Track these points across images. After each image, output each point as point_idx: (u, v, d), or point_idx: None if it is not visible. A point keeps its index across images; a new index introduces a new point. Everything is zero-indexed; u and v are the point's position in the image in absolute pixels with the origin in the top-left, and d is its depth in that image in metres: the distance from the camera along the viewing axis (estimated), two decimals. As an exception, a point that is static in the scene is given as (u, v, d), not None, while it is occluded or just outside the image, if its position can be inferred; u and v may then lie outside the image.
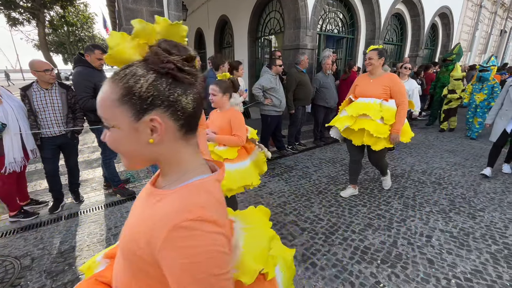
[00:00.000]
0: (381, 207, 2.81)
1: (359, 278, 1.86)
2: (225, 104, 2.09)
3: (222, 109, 2.11)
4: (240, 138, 2.03)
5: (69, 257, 2.10)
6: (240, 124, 2.05)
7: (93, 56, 2.70)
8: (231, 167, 1.98)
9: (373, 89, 2.61)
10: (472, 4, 11.49)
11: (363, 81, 2.73)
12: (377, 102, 2.55)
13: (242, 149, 2.12)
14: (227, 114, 2.07)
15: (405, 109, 2.53)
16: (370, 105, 2.56)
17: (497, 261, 2.01)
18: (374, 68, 2.61)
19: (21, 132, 2.42)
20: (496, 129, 3.41)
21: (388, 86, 2.54)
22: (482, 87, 5.08)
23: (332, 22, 7.38)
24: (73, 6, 20.62)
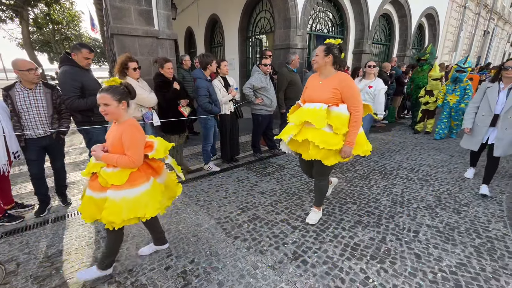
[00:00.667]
0: (370, 204, 2.86)
1: (349, 274, 1.89)
2: (122, 115, 1.71)
3: (119, 121, 1.73)
4: (130, 159, 1.64)
5: (57, 261, 2.06)
6: (133, 141, 1.67)
7: (80, 55, 2.64)
8: (116, 196, 1.62)
9: (320, 92, 2.16)
10: (456, 5, 11.82)
11: (312, 83, 2.30)
12: (323, 108, 2.08)
13: (141, 171, 1.74)
14: (121, 128, 1.69)
15: (358, 116, 2.10)
16: (314, 112, 2.10)
17: (480, 254, 2.09)
18: (320, 67, 2.18)
19: (5, 134, 2.34)
20: (474, 137, 3.07)
21: (338, 89, 2.09)
22: (455, 88, 5.01)
23: (322, 22, 7.45)
24: (59, 4, 20.05)
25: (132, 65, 2.97)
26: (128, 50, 3.89)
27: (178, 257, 2.07)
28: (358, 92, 2.14)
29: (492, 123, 2.89)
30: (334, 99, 2.12)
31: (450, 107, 5.14)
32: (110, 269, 1.88)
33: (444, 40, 11.97)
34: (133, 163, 1.66)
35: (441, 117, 5.41)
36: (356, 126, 2.11)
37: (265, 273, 1.90)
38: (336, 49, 2.13)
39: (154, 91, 3.22)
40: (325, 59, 2.12)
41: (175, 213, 2.71)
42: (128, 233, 2.39)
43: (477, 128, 3.04)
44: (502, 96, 2.82)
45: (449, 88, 5.09)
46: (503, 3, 17.37)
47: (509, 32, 21.12)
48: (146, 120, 3.12)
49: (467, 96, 4.89)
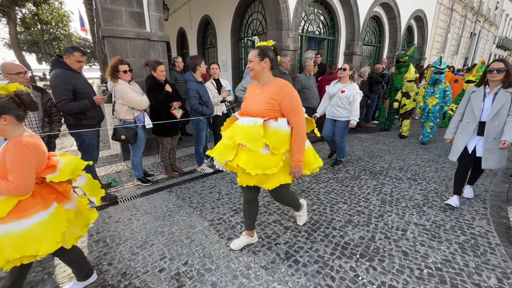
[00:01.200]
0: (360, 204, 2.93)
1: (339, 272, 1.94)
2: (7, 132, 1.40)
3: (8, 137, 1.42)
4: (12, 185, 1.33)
5: (49, 266, 2.05)
6: (17, 162, 1.35)
7: (72, 58, 2.63)
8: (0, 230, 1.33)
9: (256, 103, 1.79)
10: (444, 8, 12.11)
11: (250, 92, 1.93)
12: (258, 124, 1.69)
13: (38, 197, 1.44)
14: (5, 147, 1.39)
15: (301, 132, 1.76)
16: (248, 130, 1.71)
17: (464, 250, 2.17)
18: (257, 74, 1.82)
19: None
20: (456, 146, 2.74)
21: (276, 99, 1.73)
22: (434, 90, 4.86)
23: (313, 23, 7.54)
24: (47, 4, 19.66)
25: (123, 67, 2.97)
26: (120, 52, 3.87)
27: (171, 259, 2.09)
28: (299, 103, 1.78)
29: (480, 132, 2.59)
30: (271, 111, 1.74)
31: (429, 110, 5.04)
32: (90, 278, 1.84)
33: (432, 41, 12.25)
34: (17, 190, 1.35)
35: (422, 121, 5.36)
36: (300, 143, 1.77)
37: (258, 273, 1.94)
38: (271, 51, 1.82)
39: (146, 94, 3.22)
40: (262, 64, 1.78)
41: (168, 216, 2.72)
42: (121, 236, 2.40)
43: (460, 137, 2.71)
44: (488, 101, 2.50)
45: (428, 90, 4.97)
46: (489, 5, 17.88)
47: (494, 34, 21.74)
48: (138, 122, 3.12)
49: (448, 99, 4.79)
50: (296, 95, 1.78)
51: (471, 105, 2.62)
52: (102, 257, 2.14)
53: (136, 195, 3.19)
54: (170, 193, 3.24)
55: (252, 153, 1.72)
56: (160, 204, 2.96)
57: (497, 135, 2.47)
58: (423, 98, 5.10)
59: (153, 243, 2.29)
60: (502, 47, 25.65)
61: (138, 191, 3.28)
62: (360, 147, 5.11)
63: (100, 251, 2.21)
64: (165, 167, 3.69)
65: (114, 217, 2.72)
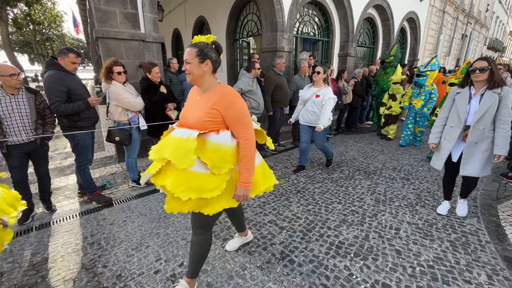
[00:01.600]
0: (355, 204, 2.97)
1: (333, 271, 1.97)
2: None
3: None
4: (251, 141, 1.31)
5: (42, 269, 2.03)
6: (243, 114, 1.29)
7: (66, 60, 2.61)
8: None
9: (195, 112, 1.47)
10: (436, 10, 12.31)
11: (190, 97, 1.61)
12: (192, 137, 1.36)
13: None
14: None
15: (249, 148, 1.45)
16: (178, 144, 1.37)
17: (456, 248, 2.22)
18: (195, 79, 1.47)
19: (-15, 140, 2.29)
20: (439, 153, 2.53)
21: (217, 108, 1.41)
22: (420, 92, 4.73)
23: (308, 25, 7.60)
24: (40, 4, 19.41)
25: (118, 69, 2.96)
26: (114, 53, 3.85)
27: (167, 261, 2.09)
28: (246, 113, 1.47)
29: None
30: (212, 123, 1.42)
31: (415, 112, 4.88)
32: None
33: (425, 43, 12.43)
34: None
35: (406, 122, 5.11)
36: (249, 161, 1.46)
37: (253, 273, 1.95)
38: (212, 50, 1.47)
39: (141, 95, 3.21)
40: (202, 68, 1.43)
41: (164, 217, 2.72)
42: (116, 238, 2.39)
43: (444, 143, 2.49)
44: (474, 103, 2.31)
45: (414, 91, 4.84)
46: (479, 8, 18.22)
47: (485, 36, 22.15)
48: (132, 124, 3.12)
49: (431, 101, 4.66)
50: (243, 104, 1.46)
51: (455, 107, 2.40)
52: (97, 259, 2.13)
53: (131, 196, 3.17)
54: (165, 194, 3.23)
55: (183, 172, 1.36)
56: (155, 206, 2.95)
57: (480, 139, 2.29)
58: (409, 99, 4.95)
59: (148, 244, 2.29)
60: (492, 49, 26.15)
61: (133, 193, 3.27)
62: (355, 147, 5.16)
63: (95, 253, 2.20)
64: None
65: (108, 219, 2.71)
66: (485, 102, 2.22)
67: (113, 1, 3.73)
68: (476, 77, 2.24)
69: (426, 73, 4.50)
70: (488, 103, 2.20)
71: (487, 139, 2.29)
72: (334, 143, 5.39)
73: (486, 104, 2.21)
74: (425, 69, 4.53)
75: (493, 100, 2.18)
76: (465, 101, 2.35)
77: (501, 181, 3.58)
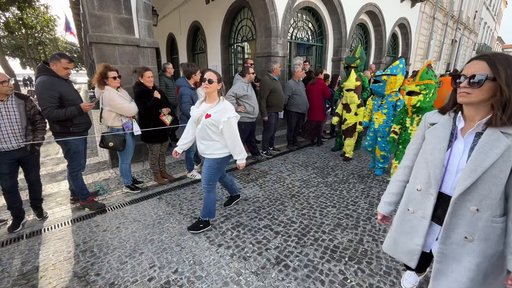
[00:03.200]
0: (349, 207, 2.99)
1: (328, 276, 1.97)
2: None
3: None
4: None
5: (32, 278, 1.99)
6: None
7: (59, 65, 2.59)
8: None
9: None
10: (426, 16, 12.61)
11: None
12: None
13: None
14: None
15: None
16: None
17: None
18: None
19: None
20: (395, 238, 1.38)
21: None
22: (381, 103, 3.57)
23: (302, 30, 7.70)
24: (32, 8, 19.22)
25: (112, 74, 2.95)
26: (108, 58, 3.84)
27: (161, 268, 2.07)
28: None
29: (438, 218, 1.18)
30: None
31: (375, 130, 3.71)
32: None
33: (416, 48, 12.69)
34: None
35: (364, 143, 4.00)
36: None
37: (249, 279, 1.95)
38: None
39: (134, 100, 3.20)
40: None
41: (158, 223, 2.69)
42: (109, 245, 2.35)
43: (408, 220, 1.29)
44: (458, 150, 1.10)
45: (375, 103, 3.68)
46: (468, 14, 18.72)
47: (474, 41, 22.73)
48: (126, 129, 3.10)
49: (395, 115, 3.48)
50: None
51: (425, 153, 1.20)
52: (89, 267, 2.09)
53: (124, 202, 3.14)
54: (159, 200, 3.21)
55: None
56: (150, 212, 2.92)
57: (473, 233, 1.07)
58: (370, 113, 3.82)
59: (142, 251, 2.26)
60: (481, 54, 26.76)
61: (127, 199, 3.23)
62: (349, 151, 5.20)
63: (87, 261, 2.16)
64: (154, 173, 3.65)
65: (101, 226, 2.67)
66: (482, 152, 1.00)
67: (107, 6, 3.73)
68: (461, 96, 1.03)
69: (382, 78, 3.40)
70: (490, 154, 0.98)
71: (489, 235, 1.06)
72: (328, 146, 5.43)
73: (484, 156, 0.99)
74: (383, 72, 3.46)
75: (500, 150, 0.96)
76: (441, 143, 1.12)
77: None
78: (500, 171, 0.97)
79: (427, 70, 2.94)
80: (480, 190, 1.01)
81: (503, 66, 0.93)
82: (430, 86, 2.90)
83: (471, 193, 1.03)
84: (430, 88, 2.90)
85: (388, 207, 1.43)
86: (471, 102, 1.02)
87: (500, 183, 0.99)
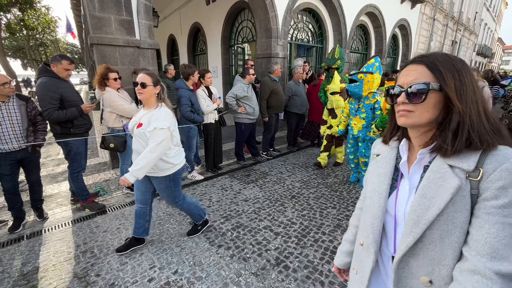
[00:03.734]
0: (349, 208, 2.99)
1: (328, 277, 1.97)
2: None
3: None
4: None
5: (33, 279, 1.99)
6: None
7: (60, 67, 2.60)
8: None
9: None
10: (426, 17, 12.63)
11: None
12: None
13: None
14: None
15: None
16: None
17: (448, 252, 2.24)
18: None
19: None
20: None
21: None
22: (359, 107, 3.19)
23: (302, 31, 7.72)
24: (33, 9, 19.31)
25: (113, 75, 2.97)
26: (109, 59, 3.85)
27: (161, 269, 2.07)
28: None
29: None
30: None
31: (355, 136, 3.37)
32: None
33: (416, 49, 12.71)
34: None
35: (347, 151, 3.62)
36: None
37: (248, 280, 1.95)
38: None
39: (135, 102, 3.21)
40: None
41: (158, 224, 2.69)
42: (109, 246, 2.36)
43: (353, 281, 0.91)
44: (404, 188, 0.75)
45: (352, 107, 3.29)
46: (468, 15, 18.75)
47: (474, 42, 22.75)
48: (126, 130, 3.10)
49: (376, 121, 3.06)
50: None
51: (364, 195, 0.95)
52: (90, 268, 2.10)
53: (125, 203, 3.14)
54: (159, 201, 3.21)
55: None
56: (150, 213, 2.92)
57: None
58: (347, 119, 3.47)
59: (142, 252, 2.27)
60: (482, 55, 26.86)
61: (127, 200, 3.24)
62: (349, 152, 5.21)
63: (88, 262, 2.17)
64: (154, 174, 3.65)
65: (102, 227, 2.67)
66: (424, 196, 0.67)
67: (108, 8, 3.75)
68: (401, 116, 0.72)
69: (358, 76, 3.01)
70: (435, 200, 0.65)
71: None
72: (328, 148, 5.42)
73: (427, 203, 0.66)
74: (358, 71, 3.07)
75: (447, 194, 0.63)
76: (382, 184, 0.81)
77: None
78: (454, 226, 0.63)
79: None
80: (430, 253, 0.67)
81: (449, 70, 0.65)
82: None
83: (417, 257, 0.69)
84: None
85: (344, 258, 1.05)
86: (415, 124, 0.70)
87: (457, 244, 0.63)
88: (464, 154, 0.64)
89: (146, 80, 1.89)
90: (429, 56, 0.69)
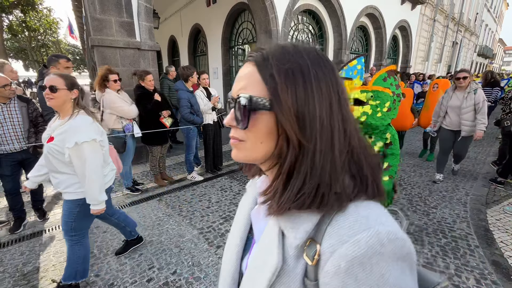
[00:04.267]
0: (347, 209, 3.00)
1: (326, 277, 1.98)
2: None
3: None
4: None
5: (33, 279, 2.01)
6: None
7: (59, 66, 2.62)
8: None
9: None
10: (427, 18, 12.64)
11: None
12: None
13: None
14: None
15: None
16: None
17: (445, 253, 2.26)
18: None
19: (-23, 149, 2.28)
20: None
21: None
22: None
23: (302, 33, 7.75)
24: (35, 11, 19.44)
25: (113, 77, 2.99)
26: (109, 61, 3.89)
27: (160, 269, 2.09)
28: None
29: None
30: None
31: None
32: None
33: (417, 50, 12.71)
34: None
35: None
36: None
37: (246, 280, 1.96)
38: None
39: (135, 103, 3.24)
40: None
41: (158, 225, 2.71)
42: (109, 246, 2.38)
43: None
44: None
45: None
46: (469, 16, 18.75)
47: (475, 43, 22.73)
48: (126, 132, 3.13)
49: None
50: None
51: None
52: (89, 268, 2.11)
53: (125, 204, 3.17)
54: (159, 202, 3.23)
55: None
56: (149, 213, 2.95)
57: None
58: None
59: (141, 252, 2.29)
60: (482, 55, 26.83)
61: (127, 200, 3.26)
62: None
63: (87, 262, 2.19)
64: (155, 175, 3.68)
65: (101, 227, 2.69)
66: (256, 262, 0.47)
67: (109, 10, 3.78)
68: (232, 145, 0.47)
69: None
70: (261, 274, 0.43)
71: None
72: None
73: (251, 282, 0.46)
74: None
75: (268, 273, 0.42)
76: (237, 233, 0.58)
77: (490, 186, 3.65)
78: None
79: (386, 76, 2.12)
80: None
81: (287, 73, 0.39)
82: (383, 97, 1.96)
83: None
84: (384, 99, 1.96)
85: None
86: (249, 160, 0.46)
87: None
88: (298, 215, 0.41)
89: (57, 83, 1.49)
90: (264, 49, 0.43)
